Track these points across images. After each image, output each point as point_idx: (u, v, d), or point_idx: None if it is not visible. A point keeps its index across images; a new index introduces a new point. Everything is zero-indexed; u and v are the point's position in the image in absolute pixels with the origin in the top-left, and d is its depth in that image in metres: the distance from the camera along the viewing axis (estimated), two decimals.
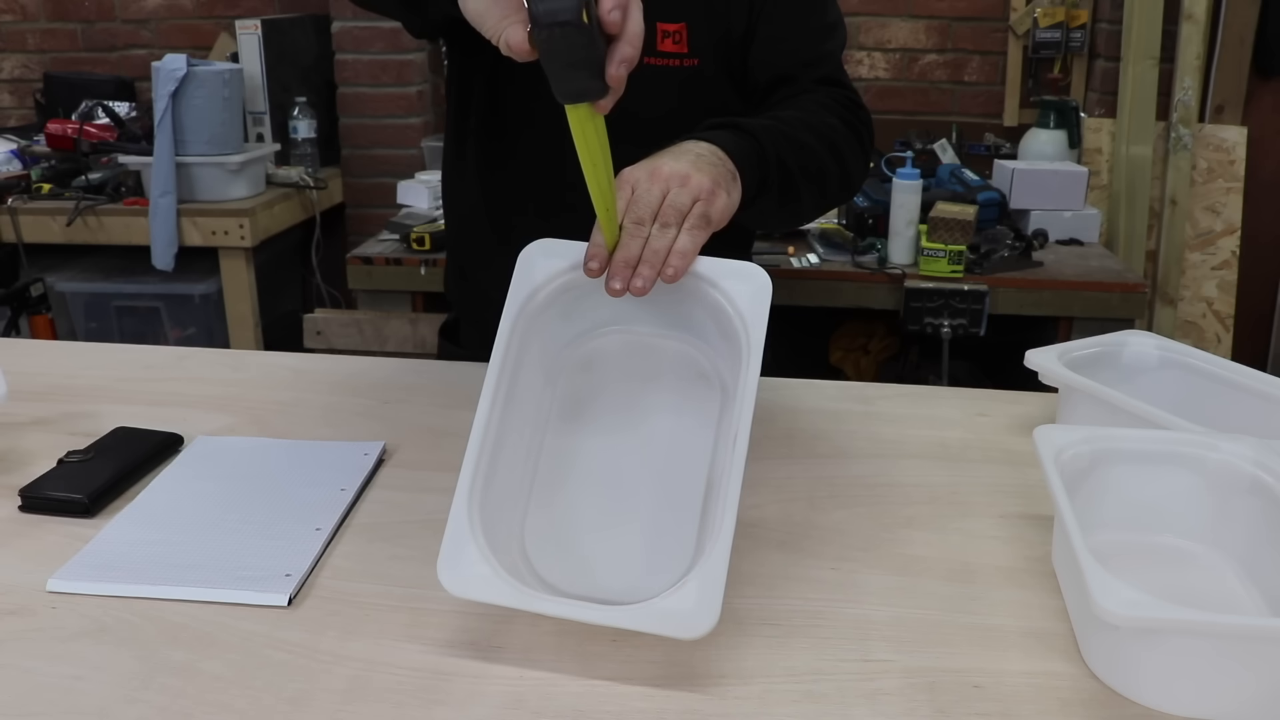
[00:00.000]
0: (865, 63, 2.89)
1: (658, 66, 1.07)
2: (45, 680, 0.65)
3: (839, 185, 1.06)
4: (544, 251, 0.79)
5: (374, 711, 0.62)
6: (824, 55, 1.11)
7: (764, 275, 0.76)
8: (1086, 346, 1.02)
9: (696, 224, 0.78)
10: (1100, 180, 2.77)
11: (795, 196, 0.97)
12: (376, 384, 1.13)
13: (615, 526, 0.76)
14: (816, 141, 1.00)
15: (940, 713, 0.63)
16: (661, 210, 0.77)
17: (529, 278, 0.79)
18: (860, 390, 1.14)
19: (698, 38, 1.08)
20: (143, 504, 0.86)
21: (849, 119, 1.07)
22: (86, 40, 3.16)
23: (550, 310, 0.80)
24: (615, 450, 0.80)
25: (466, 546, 0.68)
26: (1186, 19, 2.67)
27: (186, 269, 2.53)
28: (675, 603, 0.64)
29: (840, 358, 2.74)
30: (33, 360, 1.19)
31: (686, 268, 0.76)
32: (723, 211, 0.81)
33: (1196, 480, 0.79)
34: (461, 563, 0.68)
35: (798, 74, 1.09)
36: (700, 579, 0.65)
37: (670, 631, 0.63)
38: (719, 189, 0.81)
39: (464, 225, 1.25)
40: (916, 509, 0.88)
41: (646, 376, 0.82)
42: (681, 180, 0.80)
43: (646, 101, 0.95)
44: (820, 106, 1.05)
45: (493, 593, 0.66)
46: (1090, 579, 0.61)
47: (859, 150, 1.07)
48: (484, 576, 0.67)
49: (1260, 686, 0.61)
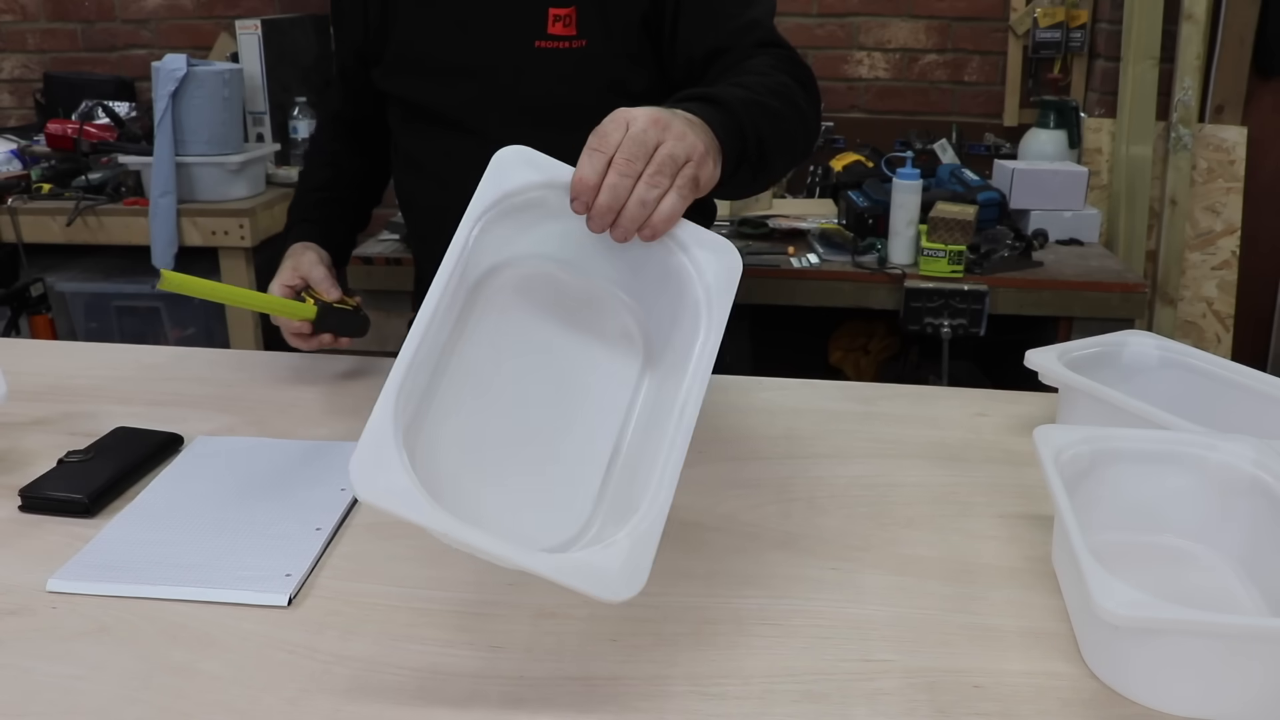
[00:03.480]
0: (865, 63, 2.89)
1: (547, 50, 1.12)
2: (45, 680, 0.65)
3: (803, 148, 1.06)
4: (521, 160, 0.75)
5: (374, 711, 0.62)
6: (752, 22, 1.11)
7: (736, 253, 0.75)
8: (1086, 346, 1.02)
9: (685, 185, 0.76)
10: (1100, 180, 2.77)
11: (767, 166, 0.97)
12: (376, 384, 1.13)
13: (511, 464, 0.72)
14: (783, 106, 1.00)
15: (940, 713, 0.63)
16: (657, 155, 0.75)
17: (499, 182, 0.74)
18: (860, 390, 1.14)
19: (588, 20, 1.11)
20: (143, 504, 0.86)
21: (799, 76, 1.06)
22: (86, 40, 3.16)
23: (509, 219, 0.75)
24: (525, 384, 0.76)
25: (388, 452, 0.61)
26: (1186, 19, 2.67)
27: (187, 269, 2.52)
28: (602, 560, 0.61)
29: (840, 358, 2.74)
30: (33, 360, 1.19)
31: (667, 230, 0.75)
32: (709, 180, 0.81)
33: (1196, 480, 0.79)
34: (381, 470, 0.60)
35: (732, 43, 1.09)
36: (633, 540, 0.61)
37: (591, 588, 0.60)
38: (709, 157, 0.81)
39: (406, 219, 1.37)
40: (916, 509, 0.88)
41: (576, 320, 0.79)
42: (679, 135, 0.78)
43: (539, 83, 1.07)
44: (770, 69, 1.05)
45: (411, 509, 0.59)
46: (1090, 579, 0.61)
47: (813, 108, 1.07)
48: (404, 489, 0.60)
49: (1260, 686, 0.61)
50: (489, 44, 1.14)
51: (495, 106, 1.15)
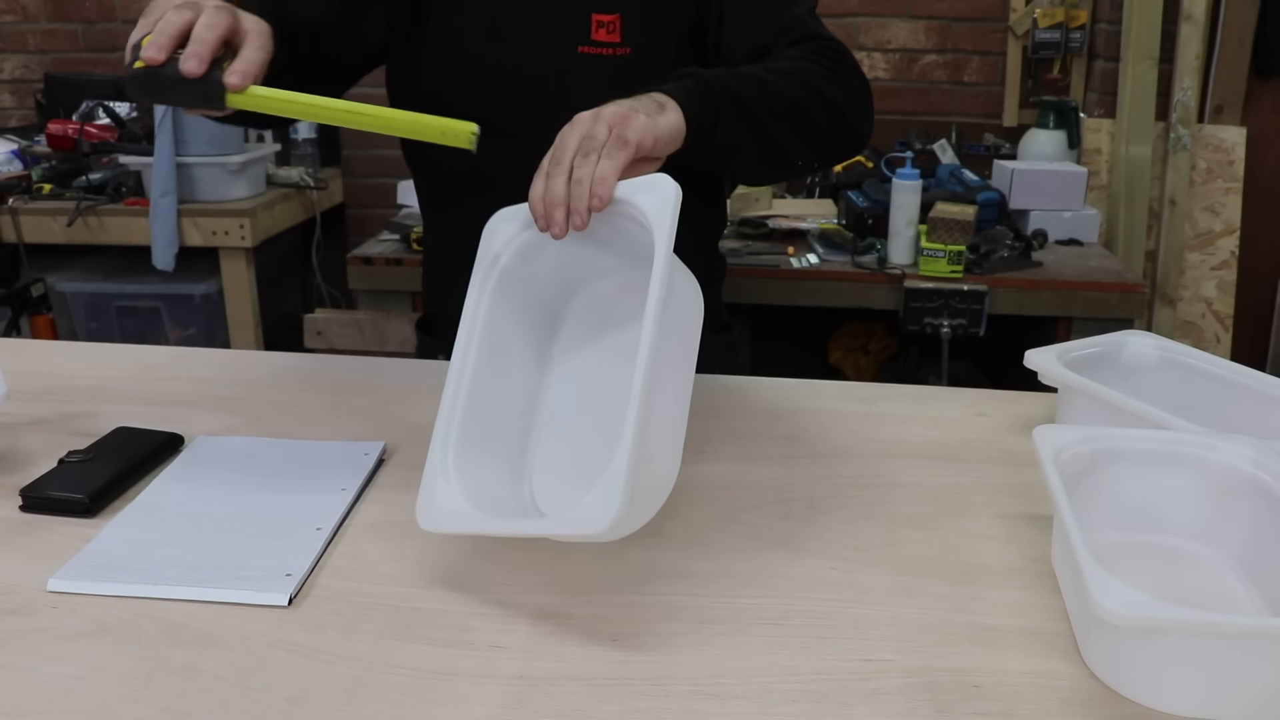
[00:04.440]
0: (865, 63, 2.89)
1: (591, 55, 1.11)
2: (45, 680, 0.65)
3: (827, 119, 1.03)
4: (501, 219, 0.85)
5: (374, 711, 0.62)
6: (794, 20, 1.11)
7: (670, 182, 0.76)
8: (1086, 346, 1.02)
9: (613, 146, 0.80)
10: (1100, 180, 2.77)
11: (763, 129, 0.97)
12: (376, 384, 1.14)
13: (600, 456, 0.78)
14: (777, 78, 1.00)
15: (940, 712, 0.63)
16: (580, 144, 0.80)
17: (490, 246, 0.85)
18: (860, 390, 1.14)
19: (632, 28, 1.11)
20: (143, 504, 0.86)
21: (826, 62, 1.05)
22: (87, 40, 3.16)
23: (515, 271, 0.84)
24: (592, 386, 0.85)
25: (438, 484, 0.76)
26: (1186, 19, 2.67)
27: (187, 269, 2.53)
28: (584, 507, 0.70)
29: (840, 358, 2.74)
30: (33, 360, 1.19)
31: (609, 193, 0.78)
32: (643, 132, 0.83)
33: (1196, 480, 0.79)
34: (435, 499, 0.76)
35: (772, 42, 1.09)
36: (604, 481, 0.68)
37: (577, 530, 0.68)
38: (634, 114, 0.83)
39: (430, 219, 1.30)
40: (916, 509, 0.88)
41: (621, 320, 0.85)
42: (594, 116, 0.83)
43: (581, 88, 1.01)
44: (789, 58, 1.05)
45: (455, 524, 0.74)
46: (1090, 579, 0.61)
47: (844, 85, 1.05)
48: (451, 511, 0.75)
49: (1260, 686, 0.61)
50: (530, 47, 1.12)
51: (534, 110, 1.13)
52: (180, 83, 0.81)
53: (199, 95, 0.83)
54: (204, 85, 0.82)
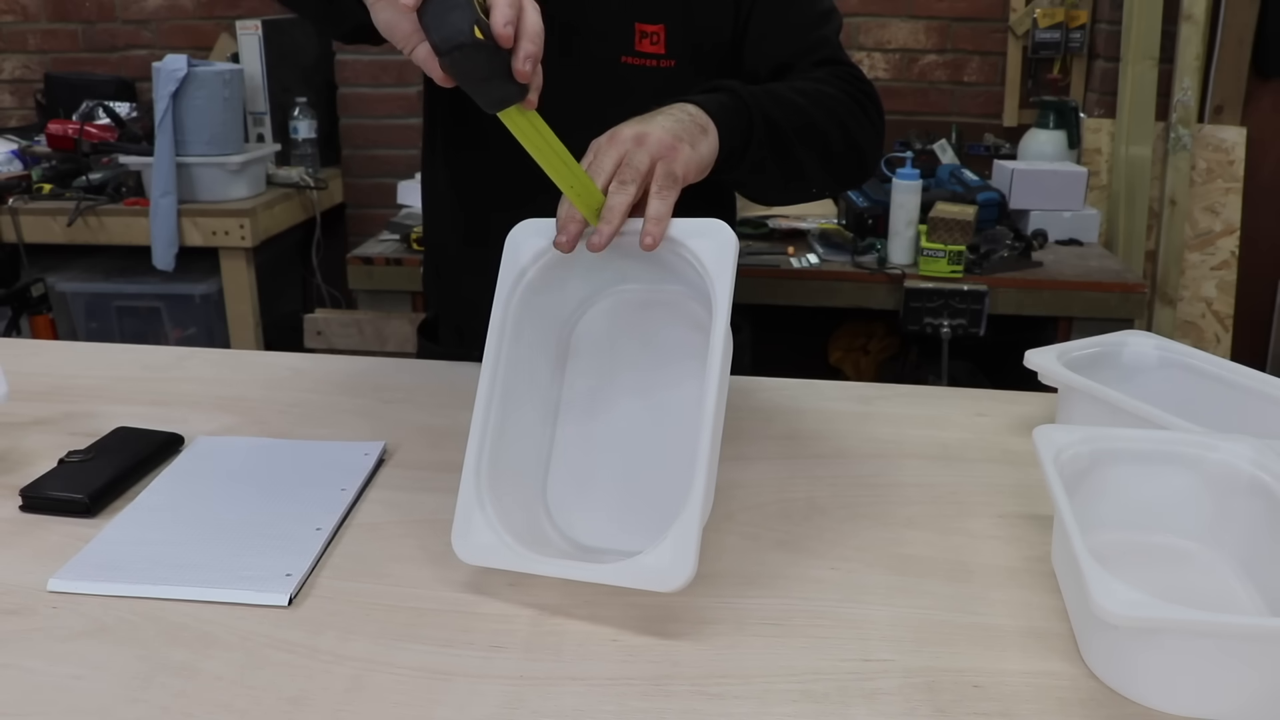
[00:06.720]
0: (865, 63, 2.88)
1: (634, 66, 1.09)
2: (45, 680, 0.65)
3: (844, 147, 1.04)
4: (529, 231, 0.81)
5: (374, 711, 0.62)
6: (820, 40, 1.11)
7: (728, 230, 0.75)
8: (1086, 346, 1.02)
9: (664, 184, 0.77)
10: (1100, 180, 2.77)
11: (789, 153, 0.96)
12: (376, 384, 1.14)
13: (629, 484, 0.81)
14: (809, 103, 1.00)
15: (940, 712, 0.63)
16: (619, 170, 0.77)
17: (516, 259, 0.81)
18: (860, 390, 1.14)
19: (676, 40, 1.09)
20: (143, 504, 0.86)
21: (849, 90, 1.06)
22: (87, 41, 3.16)
23: (541, 287, 0.81)
24: (624, 409, 0.84)
25: (475, 517, 0.75)
26: (1186, 19, 2.67)
27: (187, 269, 2.53)
28: (653, 559, 0.67)
29: (840, 358, 2.74)
30: (33, 360, 1.19)
31: (663, 232, 0.75)
32: (688, 165, 0.81)
33: (1195, 480, 0.79)
34: (470, 533, 0.74)
35: (795, 62, 1.09)
36: (675, 535, 0.67)
37: (648, 585, 0.67)
38: (680, 143, 0.81)
39: (437, 222, 1.26)
40: (916, 509, 0.88)
41: (646, 336, 0.84)
42: (638, 140, 0.79)
43: (622, 100, 0.94)
44: (815, 81, 1.05)
45: (497, 559, 0.73)
46: (1090, 579, 0.61)
47: (863, 118, 1.06)
48: (490, 545, 0.74)
49: (1260, 686, 0.61)
50: (573, 55, 1.08)
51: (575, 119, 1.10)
52: (507, 82, 0.71)
53: (503, 98, 0.72)
54: (518, 91, 0.72)
